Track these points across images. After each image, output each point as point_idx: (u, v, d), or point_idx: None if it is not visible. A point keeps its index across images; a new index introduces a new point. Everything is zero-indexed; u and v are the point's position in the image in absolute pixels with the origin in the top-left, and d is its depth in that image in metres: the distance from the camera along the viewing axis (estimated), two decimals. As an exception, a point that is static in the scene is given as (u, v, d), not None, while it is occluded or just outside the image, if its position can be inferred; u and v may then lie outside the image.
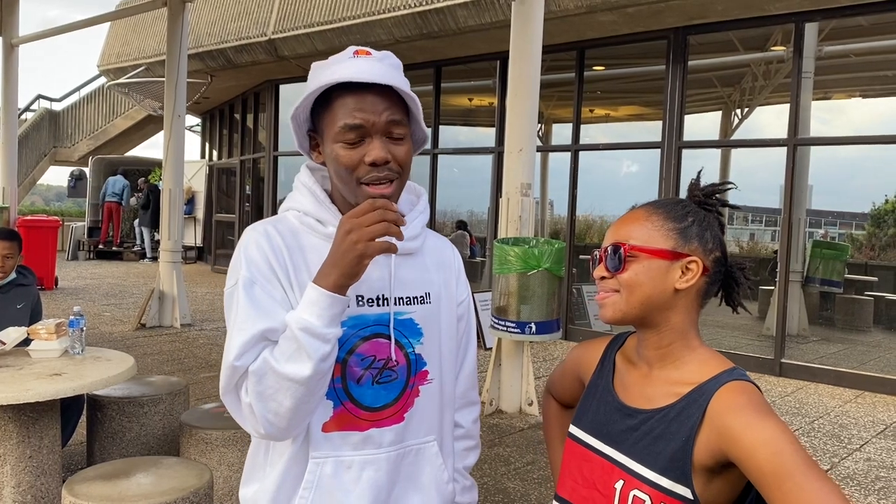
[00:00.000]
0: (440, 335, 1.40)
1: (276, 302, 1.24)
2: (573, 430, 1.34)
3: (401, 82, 1.28)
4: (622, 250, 1.20)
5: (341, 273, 1.17)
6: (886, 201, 7.94)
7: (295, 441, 1.28)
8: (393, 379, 1.31)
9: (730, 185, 1.29)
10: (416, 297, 1.37)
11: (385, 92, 1.27)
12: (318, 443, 1.27)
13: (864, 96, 8.11)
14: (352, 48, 1.32)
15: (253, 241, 1.29)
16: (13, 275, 4.07)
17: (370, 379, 1.29)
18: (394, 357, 1.31)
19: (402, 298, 1.34)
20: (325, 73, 1.28)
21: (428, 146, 10.64)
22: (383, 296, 1.32)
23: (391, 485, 1.32)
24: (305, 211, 1.35)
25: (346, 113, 1.25)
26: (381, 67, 1.28)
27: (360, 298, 1.30)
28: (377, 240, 1.17)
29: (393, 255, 1.32)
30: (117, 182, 17.27)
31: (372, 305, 1.31)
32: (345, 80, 1.25)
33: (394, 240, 1.19)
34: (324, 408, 1.27)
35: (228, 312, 1.26)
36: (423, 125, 1.38)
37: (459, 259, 1.52)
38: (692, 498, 1.12)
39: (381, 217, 1.16)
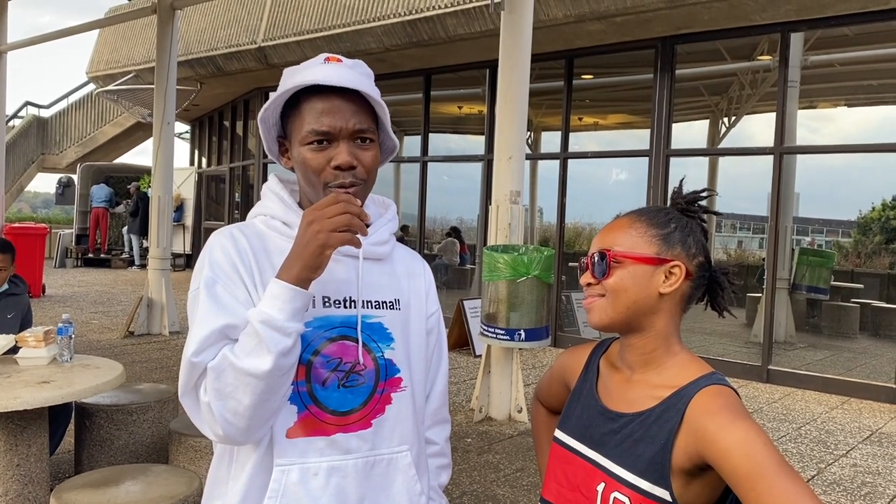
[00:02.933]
0: (411, 344, 1.37)
1: (237, 301, 1.22)
2: (558, 433, 1.36)
3: (371, 89, 1.28)
4: (607, 257, 1.23)
5: (304, 265, 1.16)
6: (873, 209, 8.02)
7: (258, 449, 1.24)
8: (360, 383, 1.28)
9: (710, 192, 1.32)
10: (386, 303, 1.35)
11: (353, 98, 1.27)
12: (283, 449, 1.23)
13: (850, 105, 8.20)
14: (323, 55, 1.32)
15: (217, 244, 1.28)
16: (5, 285, 4.06)
17: (336, 382, 1.26)
18: (361, 360, 1.28)
19: (370, 302, 1.32)
20: (294, 77, 1.29)
21: (418, 153, 10.69)
22: (350, 298, 1.30)
23: (360, 495, 1.28)
24: (272, 215, 1.35)
25: (313, 118, 1.26)
26: (352, 74, 1.28)
27: (326, 300, 1.28)
28: (340, 231, 1.16)
29: (360, 258, 1.32)
30: (102, 189, 17.20)
31: (339, 307, 1.29)
32: (313, 84, 1.25)
33: (359, 237, 1.19)
34: (288, 412, 1.24)
35: (192, 315, 1.23)
36: (392, 134, 1.38)
37: (430, 273, 1.50)
38: (671, 500, 1.14)
39: (343, 209, 1.16)
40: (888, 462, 5.03)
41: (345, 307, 1.29)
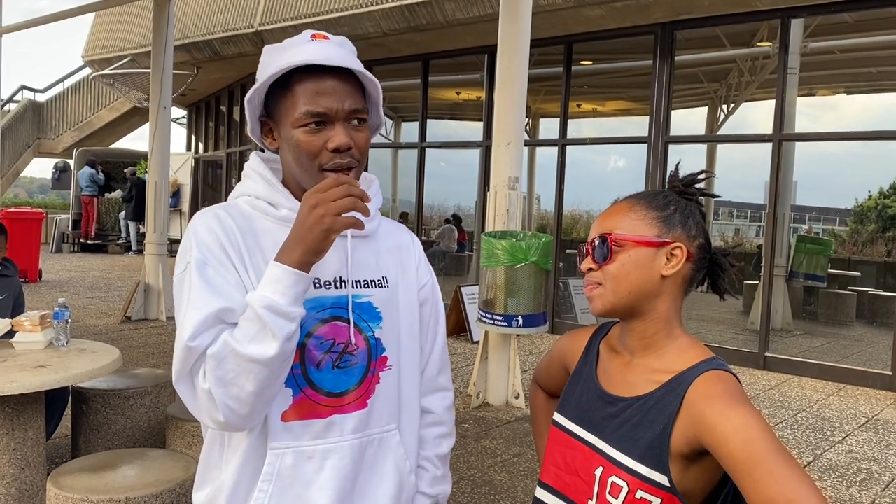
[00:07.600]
0: (399, 321, 1.37)
1: (229, 284, 1.19)
2: (557, 417, 1.35)
3: (361, 67, 1.26)
4: (608, 241, 1.22)
5: (306, 249, 1.14)
6: (869, 197, 8.01)
7: (251, 433, 1.23)
8: (353, 364, 1.28)
9: (707, 174, 1.30)
10: (374, 281, 1.34)
11: (346, 77, 1.25)
12: (277, 433, 1.23)
13: (849, 93, 8.18)
14: (308, 32, 1.29)
15: (203, 224, 1.25)
16: (-5, 267, 4.04)
17: (330, 363, 1.25)
18: (353, 341, 1.28)
19: (359, 282, 1.31)
20: (283, 55, 1.25)
21: (416, 139, 10.66)
22: (340, 278, 1.29)
23: (354, 476, 1.29)
24: (257, 195, 1.31)
25: (308, 99, 1.22)
26: (342, 52, 1.25)
27: (316, 281, 1.26)
28: (344, 215, 1.14)
29: (349, 236, 1.30)
30: (83, 175, 17.05)
31: (329, 288, 1.27)
32: (307, 63, 1.21)
33: (360, 215, 1.17)
34: (282, 396, 1.22)
35: (179, 297, 1.21)
36: (381, 111, 1.36)
37: (419, 244, 1.49)
38: (669, 485, 1.13)
39: (347, 192, 1.14)
40: (884, 449, 5.05)
41: (335, 287, 1.28)
